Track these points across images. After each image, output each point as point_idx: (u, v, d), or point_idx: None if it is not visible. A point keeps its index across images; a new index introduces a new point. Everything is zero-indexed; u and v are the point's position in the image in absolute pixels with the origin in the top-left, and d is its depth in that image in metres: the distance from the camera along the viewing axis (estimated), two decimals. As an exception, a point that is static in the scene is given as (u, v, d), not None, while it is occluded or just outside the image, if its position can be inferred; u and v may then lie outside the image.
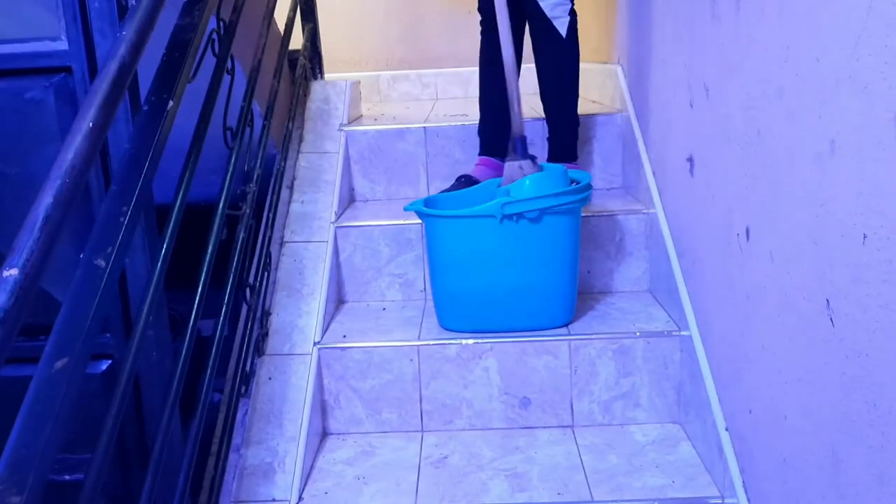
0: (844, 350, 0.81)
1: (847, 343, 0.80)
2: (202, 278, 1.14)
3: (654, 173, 1.66)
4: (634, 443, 1.41)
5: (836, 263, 0.81)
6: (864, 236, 0.75)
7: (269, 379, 1.42)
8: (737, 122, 1.11)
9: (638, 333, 1.47)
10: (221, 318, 1.21)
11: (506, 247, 1.48)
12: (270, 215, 1.60)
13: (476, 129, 1.91)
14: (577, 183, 1.52)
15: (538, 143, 1.92)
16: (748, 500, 1.14)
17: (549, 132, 1.90)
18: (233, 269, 1.28)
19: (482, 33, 1.93)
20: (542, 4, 1.78)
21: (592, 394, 1.48)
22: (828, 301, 0.84)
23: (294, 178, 1.82)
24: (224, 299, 1.23)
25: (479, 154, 1.91)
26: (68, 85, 1.16)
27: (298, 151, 1.89)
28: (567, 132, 1.87)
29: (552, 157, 1.88)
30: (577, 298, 1.56)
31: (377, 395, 1.50)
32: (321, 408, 1.50)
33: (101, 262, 0.84)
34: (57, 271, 0.96)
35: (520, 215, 1.45)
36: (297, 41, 2.07)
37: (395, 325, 1.59)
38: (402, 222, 1.71)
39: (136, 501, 0.93)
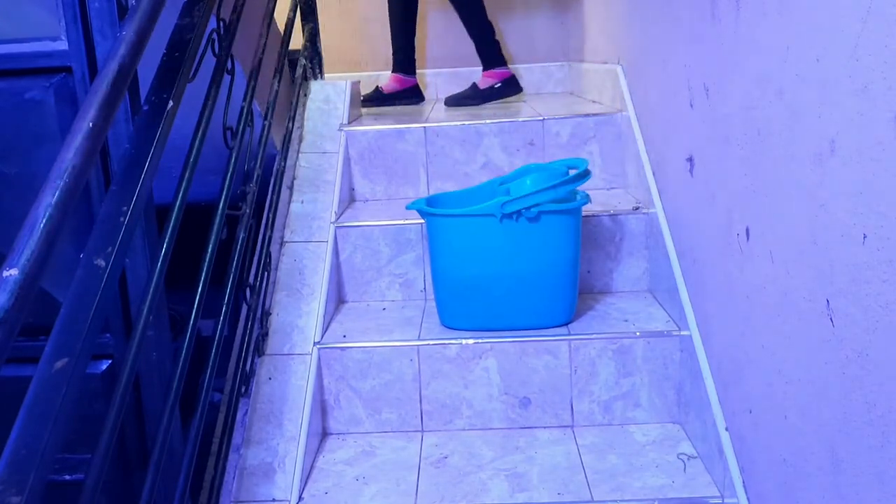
0: (844, 350, 0.81)
1: (847, 343, 0.80)
2: (202, 278, 1.14)
3: (654, 173, 1.66)
4: (634, 443, 1.41)
5: (836, 263, 0.81)
6: (864, 236, 0.75)
7: (269, 379, 1.43)
8: (737, 122, 1.11)
9: (638, 333, 1.47)
10: (221, 318, 1.21)
11: (507, 246, 1.48)
12: (270, 215, 1.60)
13: (477, 129, 1.92)
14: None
15: (538, 142, 1.92)
16: (748, 500, 1.14)
17: (477, 46, 2.58)
18: (233, 269, 1.28)
19: None
20: None
21: (592, 394, 1.48)
22: (828, 301, 0.84)
23: (294, 178, 1.82)
24: (224, 299, 1.24)
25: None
26: (68, 85, 1.16)
27: (298, 151, 1.89)
28: (491, 42, 2.56)
29: (487, 66, 2.56)
30: (578, 298, 1.56)
31: (377, 395, 1.50)
32: (321, 408, 1.50)
33: (101, 262, 0.83)
34: (57, 271, 0.96)
35: (519, 214, 1.45)
36: (297, 41, 2.07)
37: (395, 325, 1.59)
38: (402, 222, 1.71)
39: (136, 501, 0.93)
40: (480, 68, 2.61)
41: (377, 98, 2.69)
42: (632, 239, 1.69)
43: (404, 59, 2.72)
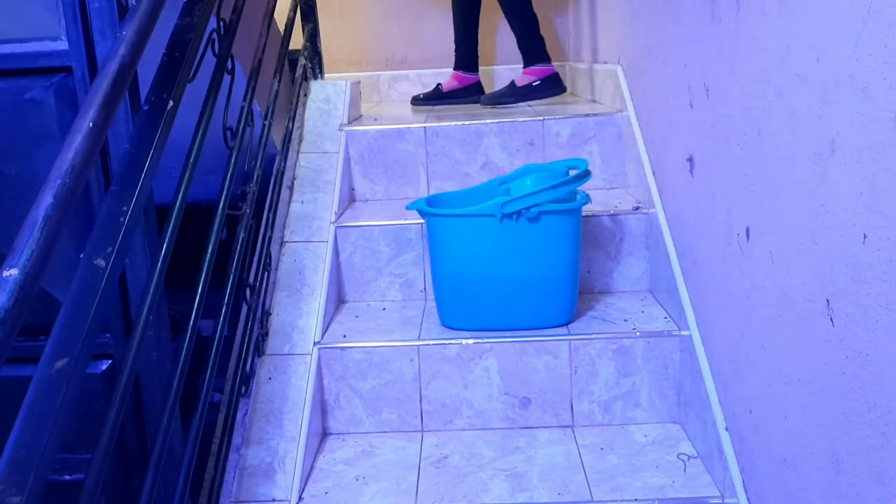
0: (844, 350, 0.81)
1: (847, 343, 0.80)
2: (202, 278, 1.14)
3: (654, 173, 1.66)
4: (634, 443, 1.41)
5: (836, 263, 0.81)
6: (864, 236, 0.75)
7: (269, 379, 1.43)
8: (737, 122, 1.11)
9: (638, 333, 1.47)
10: (221, 318, 1.21)
11: (507, 246, 1.48)
12: (270, 215, 1.60)
13: (477, 129, 1.92)
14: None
15: (538, 142, 1.92)
16: (748, 500, 1.14)
17: (518, 41, 2.43)
18: (233, 269, 1.28)
19: None
20: None
21: (592, 394, 1.48)
22: (828, 301, 0.84)
23: (294, 178, 1.82)
24: (224, 299, 1.24)
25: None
26: (68, 85, 1.16)
27: (298, 151, 1.89)
28: (532, 37, 2.42)
29: (528, 62, 2.42)
30: (578, 298, 1.56)
31: (377, 395, 1.50)
32: (321, 408, 1.50)
33: (101, 262, 0.84)
34: (57, 271, 0.96)
35: (519, 214, 1.45)
36: (297, 41, 2.07)
37: (395, 325, 1.59)
38: (402, 222, 1.71)
39: (136, 501, 0.93)
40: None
41: (436, 97, 2.62)
42: (632, 239, 1.69)
43: (464, 55, 2.63)
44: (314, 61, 2.16)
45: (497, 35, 2.57)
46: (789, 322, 0.95)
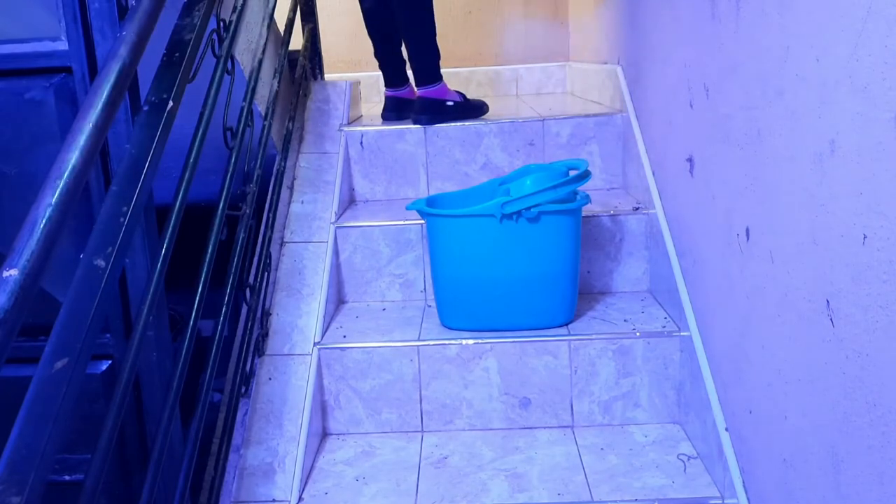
0: (844, 350, 0.81)
1: (847, 343, 0.80)
2: (202, 278, 1.14)
3: (654, 173, 1.66)
4: (634, 443, 1.41)
5: (836, 263, 0.81)
6: (864, 236, 0.75)
7: (269, 379, 1.42)
8: (737, 122, 1.11)
9: (638, 333, 1.47)
10: (221, 319, 1.21)
11: (507, 246, 1.48)
12: (270, 215, 1.60)
13: (477, 129, 1.92)
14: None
15: (538, 143, 1.92)
16: (748, 499, 1.14)
17: (411, 60, 2.13)
18: (233, 270, 1.28)
19: None
20: None
21: (592, 394, 1.48)
22: (828, 301, 0.84)
23: (294, 179, 1.82)
24: (224, 299, 1.23)
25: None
26: (68, 85, 1.16)
27: (298, 152, 1.89)
28: (428, 57, 2.11)
29: (419, 83, 2.11)
30: (578, 298, 1.56)
31: (377, 395, 1.50)
32: (321, 408, 1.50)
33: (101, 262, 0.83)
34: (57, 271, 0.96)
35: (519, 214, 1.45)
36: (297, 41, 2.07)
37: (395, 325, 1.59)
38: (402, 222, 1.71)
39: (136, 501, 0.93)
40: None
41: None
42: (632, 239, 1.69)
43: None
44: (314, 61, 2.16)
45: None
46: (789, 322, 0.95)
